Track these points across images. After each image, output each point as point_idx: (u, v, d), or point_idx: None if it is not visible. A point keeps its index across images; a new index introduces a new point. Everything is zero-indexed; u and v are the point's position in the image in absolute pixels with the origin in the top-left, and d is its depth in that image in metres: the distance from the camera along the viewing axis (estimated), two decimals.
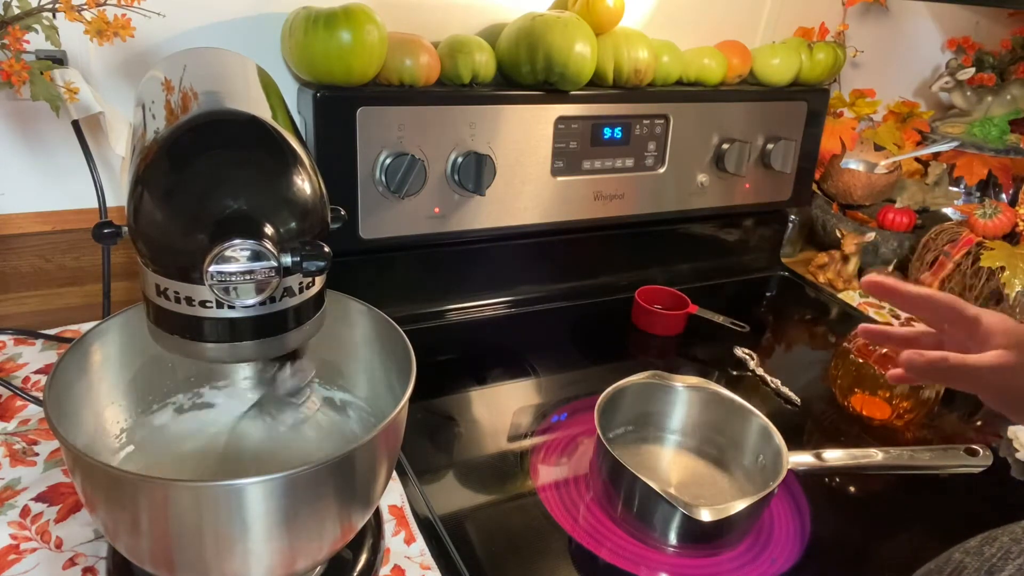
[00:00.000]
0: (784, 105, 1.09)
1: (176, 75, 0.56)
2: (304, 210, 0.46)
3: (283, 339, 0.49)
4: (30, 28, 0.66)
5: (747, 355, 0.96)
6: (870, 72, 1.33)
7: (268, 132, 0.47)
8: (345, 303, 0.63)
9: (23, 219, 0.84)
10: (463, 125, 0.88)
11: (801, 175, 1.15)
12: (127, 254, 0.88)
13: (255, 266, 0.42)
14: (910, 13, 1.34)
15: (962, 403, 0.93)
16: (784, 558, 0.67)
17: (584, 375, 0.93)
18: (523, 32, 0.88)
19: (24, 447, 0.69)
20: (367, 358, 0.64)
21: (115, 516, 0.48)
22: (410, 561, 0.62)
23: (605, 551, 0.65)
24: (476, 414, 0.83)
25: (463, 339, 0.97)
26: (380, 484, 0.54)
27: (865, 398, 0.85)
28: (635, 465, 0.64)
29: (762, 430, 0.71)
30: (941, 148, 1.26)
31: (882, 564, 0.68)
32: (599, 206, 1.01)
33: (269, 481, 0.45)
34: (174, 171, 0.45)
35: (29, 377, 0.78)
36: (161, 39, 0.81)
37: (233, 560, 0.47)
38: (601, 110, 0.96)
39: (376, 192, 0.86)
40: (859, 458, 0.73)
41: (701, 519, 0.61)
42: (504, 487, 0.71)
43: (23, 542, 0.60)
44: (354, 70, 0.80)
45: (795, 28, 1.19)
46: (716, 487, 0.73)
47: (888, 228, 1.22)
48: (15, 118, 0.80)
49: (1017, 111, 1.29)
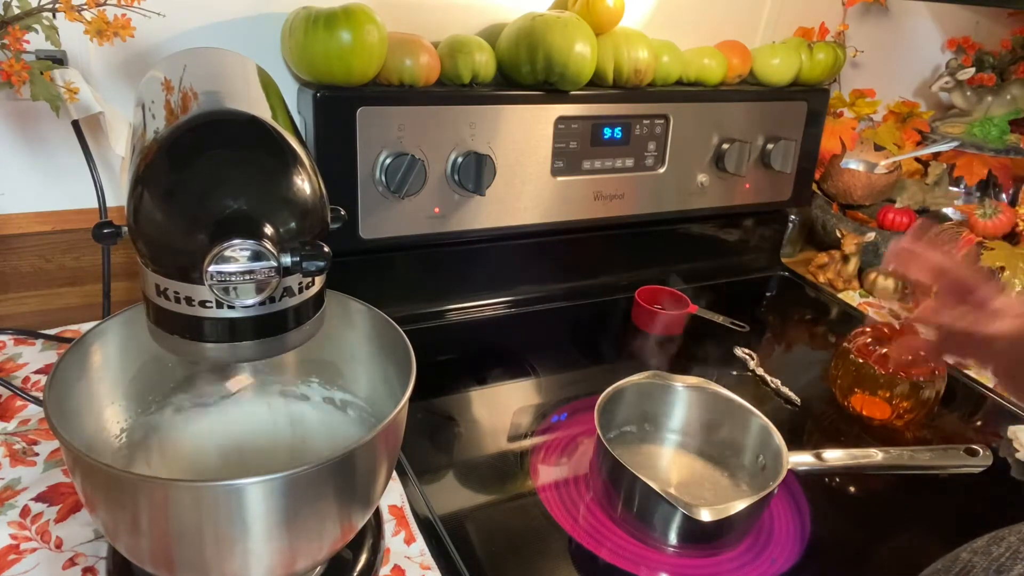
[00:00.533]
0: (784, 105, 1.09)
1: (176, 75, 0.56)
2: (304, 210, 0.46)
3: (283, 339, 0.49)
4: (30, 28, 0.66)
5: (747, 355, 0.96)
6: (870, 72, 1.33)
7: (268, 132, 0.47)
8: (345, 303, 0.63)
9: (23, 219, 0.84)
10: (463, 125, 0.88)
11: (801, 175, 1.15)
12: (127, 254, 0.87)
13: (255, 266, 0.42)
14: (910, 13, 1.34)
15: (962, 403, 0.93)
16: (784, 558, 0.67)
17: (584, 375, 0.93)
18: (523, 32, 0.88)
19: (24, 447, 0.69)
20: (367, 358, 0.64)
21: (115, 516, 0.48)
22: (410, 561, 0.62)
23: (605, 551, 0.65)
24: (476, 414, 0.83)
25: (463, 339, 0.97)
26: (380, 484, 0.54)
27: (865, 398, 0.85)
28: (635, 465, 0.64)
29: (762, 430, 0.71)
30: (941, 148, 1.26)
31: (882, 564, 0.68)
32: (599, 206, 1.01)
33: (269, 481, 0.45)
34: (174, 171, 0.45)
35: (29, 377, 0.78)
36: (161, 39, 0.81)
37: (233, 560, 0.47)
38: (601, 110, 0.96)
39: (376, 192, 0.86)
40: (859, 458, 0.73)
41: (701, 519, 0.61)
42: (504, 487, 0.71)
43: (23, 542, 0.60)
44: (354, 70, 0.80)
45: (795, 28, 1.19)
46: (716, 487, 0.73)
47: (888, 228, 1.22)
48: (15, 118, 0.80)
49: (1017, 111, 1.29)
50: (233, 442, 0.64)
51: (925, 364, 0.83)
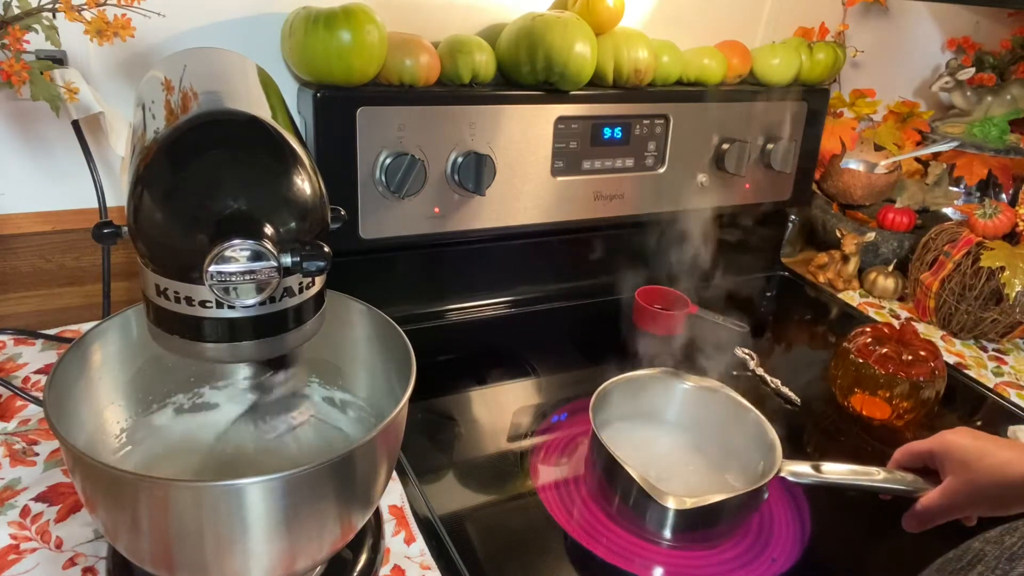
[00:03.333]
0: (784, 105, 1.09)
1: (176, 75, 0.56)
2: (304, 210, 0.46)
3: (283, 339, 0.49)
4: (30, 28, 0.66)
5: (747, 355, 0.96)
6: (870, 72, 1.33)
7: (268, 132, 0.47)
8: (345, 303, 0.63)
9: (23, 219, 0.84)
10: (463, 125, 0.88)
11: (801, 175, 1.15)
12: (127, 254, 0.87)
13: (255, 266, 0.42)
14: (910, 13, 1.34)
15: (962, 403, 0.93)
16: (784, 558, 0.67)
17: (584, 375, 0.93)
18: (523, 32, 0.88)
19: (24, 447, 0.69)
20: (367, 358, 0.64)
21: (115, 516, 0.48)
22: (410, 561, 0.62)
23: (603, 549, 0.65)
24: (476, 414, 0.83)
25: (463, 339, 0.97)
26: (380, 484, 0.54)
27: (865, 398, 0.85)
28: (629, 459, 0.64)
29: (759, 430, 0.71)
30: (941, 148, 1.26)
31: (882, 564, 0.68)
32: (599, 206, 1.01)
33: (269, 481, 0.45)
34: (174, 171, 0.45)
35: (29, 377, 0.78)
36: (161, 39, 0.81)
37: (233, 560, 0.47)
38: (601, 110, 0.96)
39: (376, 192, 0.86)
40: (859, 475, 0.68)
41: (667, 506, 0.62)
42: (504, 487, 0.71)
43: (23, 542, 0.60)
44: (354, 70, 0.80)
45: (795, 28, 1.19)
46: (712, 485, 0.73)
47: (888, 228, 1.22)
48: (15, 118, 0.80)
49: (1017, 111, 1.29)
50: (233, 442, 0.63)
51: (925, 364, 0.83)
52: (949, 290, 1.06)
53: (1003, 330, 1.05)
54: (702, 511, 0.63)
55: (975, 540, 0.37)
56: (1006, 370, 1.02)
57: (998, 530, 0.36)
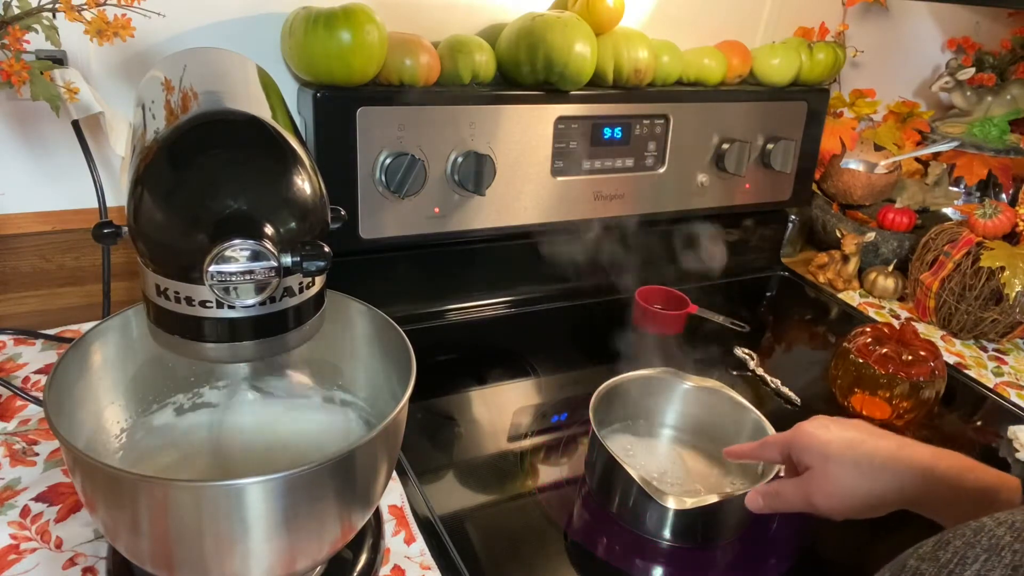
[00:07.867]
0: (784, 105, 1.09)
1: (176, 75, 0.56)
2: (304, 210, 0.46)
3: (283, 339, 0.49)
4: (30, 28, 0.66)
5: (747, 355, 0.96)
6: (870, 72, 1.33)
7: (268, 132, 0.47)
8: (345, 303, 0.63)
9: (23, 219, 0.84)
10: (463, 125, 0.88)
11: (801, 175, 1.15)
12: (127, 254, 0.87)
13: (255, 266, 0.42)
14: (910, 13, 1.34)
15: (962, 403, 0.93)
16: (784, 558, 0.67)
17: (584, 375, 0.92)
18: (523, 32, 0.88)
19: (24, 447, 0.69)
20: (367, 358, 0.64)
21: (115, 516, 0.48)
22: (410, 561, 0.62)
23: (602, 549, 0.65)
24: (476, 414, 0.83)
25: (463, 339, 0.97)
26: (380, 484, 0.54)
27: (865, 398, 0.85)
28: (629, 459, 0.64)
29: (759, 430, 0.71)
30: (941, 148, 1.26)
31: (881, 564, 0.68)
32: (599, 206, 1.01)
33: (269, 481, 0.45)
34: (174, 171, 0.45)
35: (29, 377, 0.78)
36: (161, 39, 0.81)
37: (233, 560, 0.47)
38: (601, 110, 0.96)
39: (376, 192, 0.86)
40: None
41: (668, 507, 0.62)
42: (504, 487, 0.71)
43: (23, 542, 0.60)
44: (354, 70, 0.80)
45: (795, 28, 1.19)
46: (711, 485, 0.73)
47: (888, 228, 1.22)
48: (15, 118, 0.80)
49: (1017, 111, 1.29)
50: (233, 442, 0.63)
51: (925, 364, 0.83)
52: (949, 290, 1.06)
53: (1003, 330, 1.05)
54: (702, 511, 0.63)
55: (909, 557, 0.37)
56: (1006, 370, 1.02)
57: (931, 545, 0.36)
